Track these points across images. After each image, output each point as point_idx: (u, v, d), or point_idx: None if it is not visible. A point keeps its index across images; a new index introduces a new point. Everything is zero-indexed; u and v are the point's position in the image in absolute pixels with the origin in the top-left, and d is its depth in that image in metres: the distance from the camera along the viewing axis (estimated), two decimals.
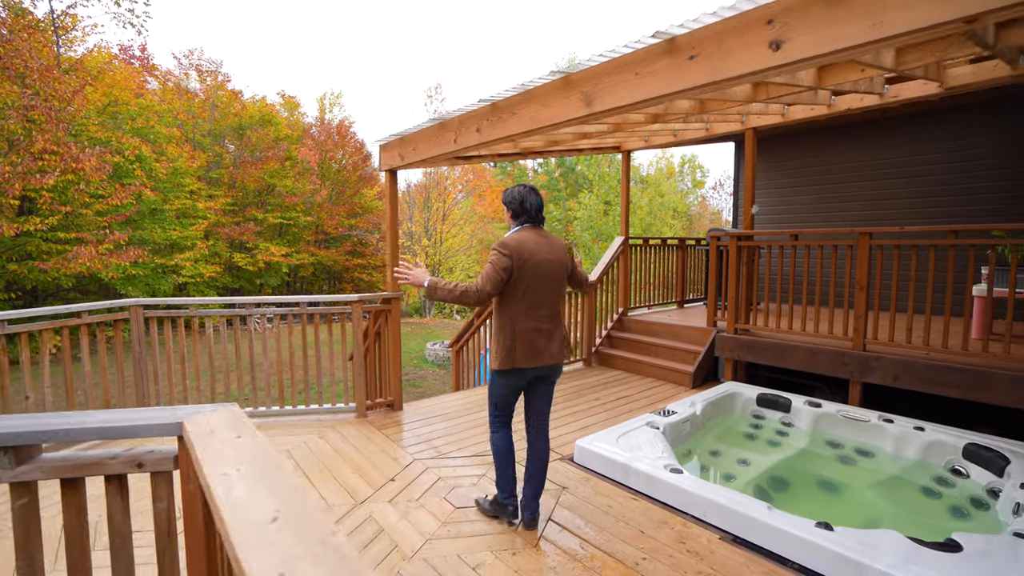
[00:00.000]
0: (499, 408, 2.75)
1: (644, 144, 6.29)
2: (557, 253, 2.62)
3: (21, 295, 12.01)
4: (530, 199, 2.61)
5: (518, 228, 2.63)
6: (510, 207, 2.64)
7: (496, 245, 2.51)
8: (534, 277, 2.52)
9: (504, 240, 2.53)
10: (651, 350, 5.88)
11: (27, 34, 11.46)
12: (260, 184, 18.78)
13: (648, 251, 6.92)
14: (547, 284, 2.57)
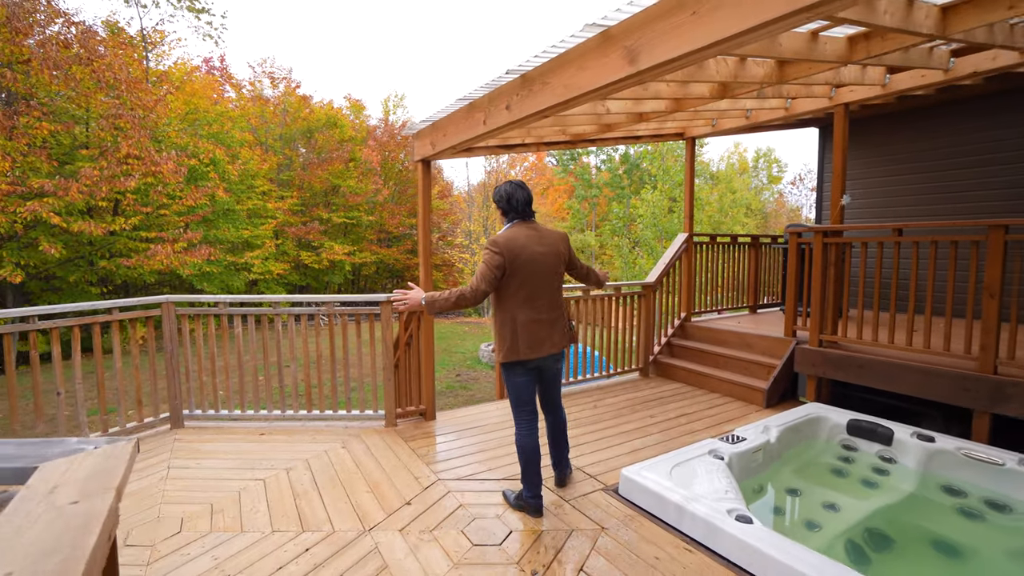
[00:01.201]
0: (520, 402, 2.77)
1: (711, 129, 5.59)
2: (549, 245, 2.69)
3: (113, 289, 13.02)
4: (516, 195, 2.67)
5: (509, 225, 2.70)
6: (499, 205, 2.71)
7: (487, 244, 2.58)
8: (528, 270, 2.59)
9: (494, 238, 2.59)
10: (717, 362, 5.19)
11: (120, 50, 12.37)
12: (326, 185, 19.41)
13: (716, 250, 6.19)
14: (542, 276, 2.64)
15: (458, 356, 13.55)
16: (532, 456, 2.75)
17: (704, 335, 5.62)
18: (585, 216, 24.03)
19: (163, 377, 4.06)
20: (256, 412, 4.14)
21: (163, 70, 14.62)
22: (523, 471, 2.78)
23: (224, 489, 3.09)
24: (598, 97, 2.33)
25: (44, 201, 9.45)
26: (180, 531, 2.66)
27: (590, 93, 2.28)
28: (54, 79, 10.30)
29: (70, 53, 10.72)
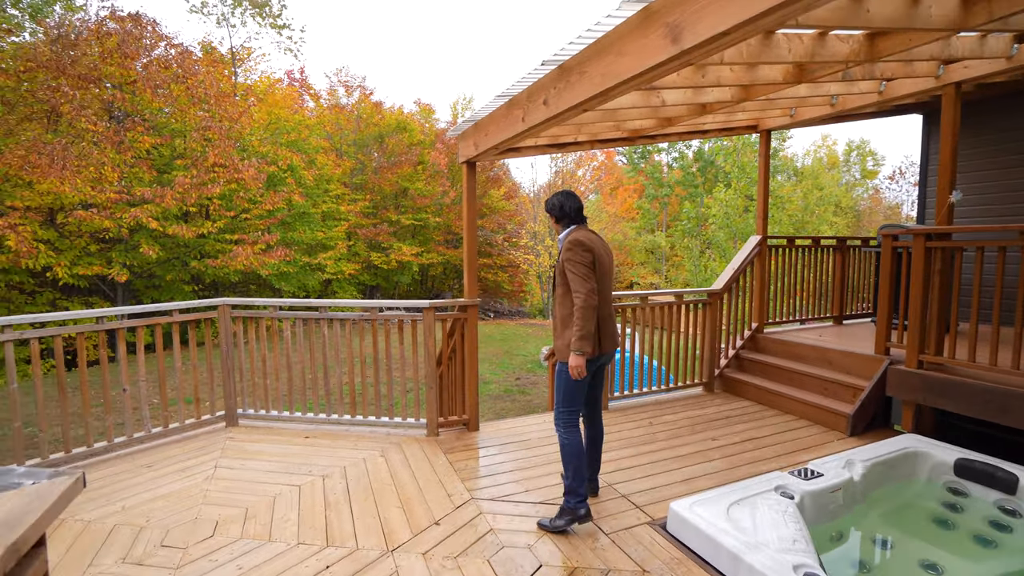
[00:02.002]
0: (575, 401, 2.77)
1: (789, 120, 5.01)
2: (608, 248, 2.85)
3: (203, 287, 14.17)
4: (568, 203, 2.81)
5: (572, 228, 2.78)
6: (553, 214, 2.84)
7: (573, 246, 2.64)
8: (602, 268, 2.72)
9: (578, 239, 2.67)
10: (793, 379, 4.63)
11: (212, 67, 13.43)
12: (395, 188, 20.04)
13: (794, 254, 5.57)
14: (608, 274, 2.79)
15: (519, 359, 13.42)
16: (583, 455, 2.76)
17: (778, 348, 5.05)
18: (655, 216, 23.11)
19: (220, 377, 4.21)
20: (303, 414, 4.19)
21: (248, 84, 15.72)
22: (573, 475, 2.69)
23: (261, 493, 3.10)
24: (641, 84, 2.05)
25: (144, 207, 10.41)
26: (213, 535, 2.68)
27: (631, 80, 2.00)
28: (156, 97, 11.34)
29: (169, 73, 11.76)
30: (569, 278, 2.63)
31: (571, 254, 2.62)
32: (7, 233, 9.10)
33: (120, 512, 2.90)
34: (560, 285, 2.75)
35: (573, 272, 2.60)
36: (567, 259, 2.63)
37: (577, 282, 2.58)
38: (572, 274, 2.60)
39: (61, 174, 9.43)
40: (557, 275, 2.78)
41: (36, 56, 10.50)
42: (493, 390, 10.01)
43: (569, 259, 2.62)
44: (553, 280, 2.86)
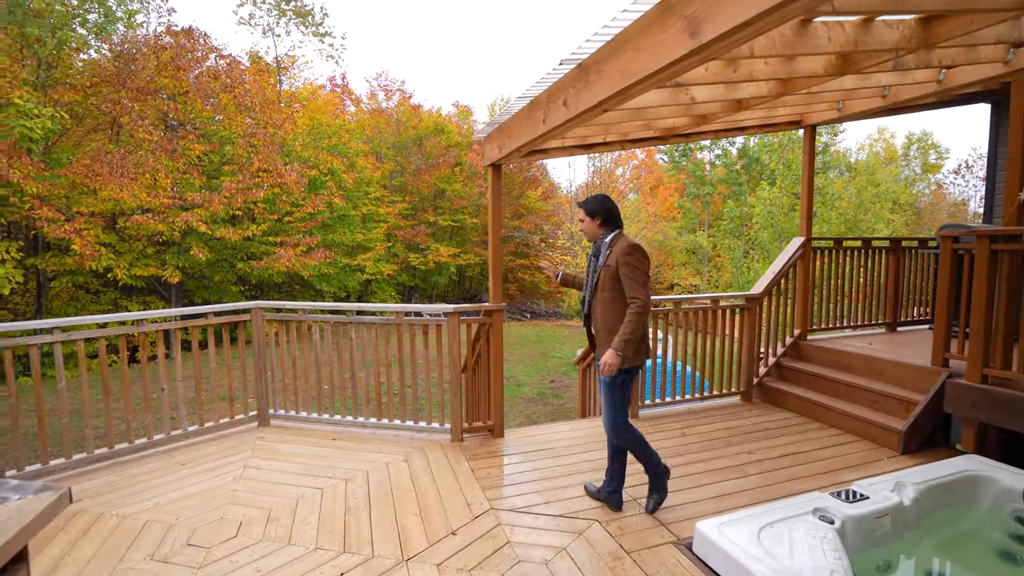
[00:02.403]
0: (627, 406, 2.81)
1: (836, 114, 4.70)
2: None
3: (249, 288, 14.76)
4: (614, 207, 2.80)
5: (615, 233, 2.76)
6: (599, 215, 2.77)
7: (634, 251, 2.63)
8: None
9: (638, 245, 2.66)
10: (839, 390, 4.34)
11: (259, 76, 13.96)
12: (433, 189, 20.29)
13: (842, 256, 5.23)
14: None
15: (554, 361, 13.29)
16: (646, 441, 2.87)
17: (822, 357, 4.75)
18: (697, 215, 22.43)
19: (252, 378, 4.32)
20: (331, 416, 4.25)
21: (292, 91, 16.27)
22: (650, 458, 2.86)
23: (285, 495, 3.15)
24: (661, 82, 1.93)
25: (195, 212, 10.92)
26: (236, 536, 2.73)
27: (650, 78, 1.89)
28: (205, 106, 11.89)
29: (218, 83, 12.31)
30: (627, 284, 2.60)
31: (632, 259, 2.60)
32: (73, 237, 9.74)
33: (153, 509, 3.00)
34: (609, 290, 2.68)
35: (633, 278, 2.59)
36: (627, 263, 2.59)
37: (637, 288, 2.58)
38: (631, 280, 2.58)
39: (120, 181, 10.01)
40: (605, 279, 2.70)
41: (100, 71, 11.21)
42: (527, 392, 9.95)
43: (630, 263, 2.59)
44: (594, 284, 2.77)
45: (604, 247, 2.76)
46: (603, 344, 2.74)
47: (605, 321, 2.72)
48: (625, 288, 2.62)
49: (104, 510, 2.99)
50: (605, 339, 2.72)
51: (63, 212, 10.16)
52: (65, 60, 10.94)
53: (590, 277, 2.83)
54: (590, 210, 2.78)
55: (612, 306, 2.69)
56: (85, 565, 2.49)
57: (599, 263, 2.77)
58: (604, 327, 2.72)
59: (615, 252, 2.67)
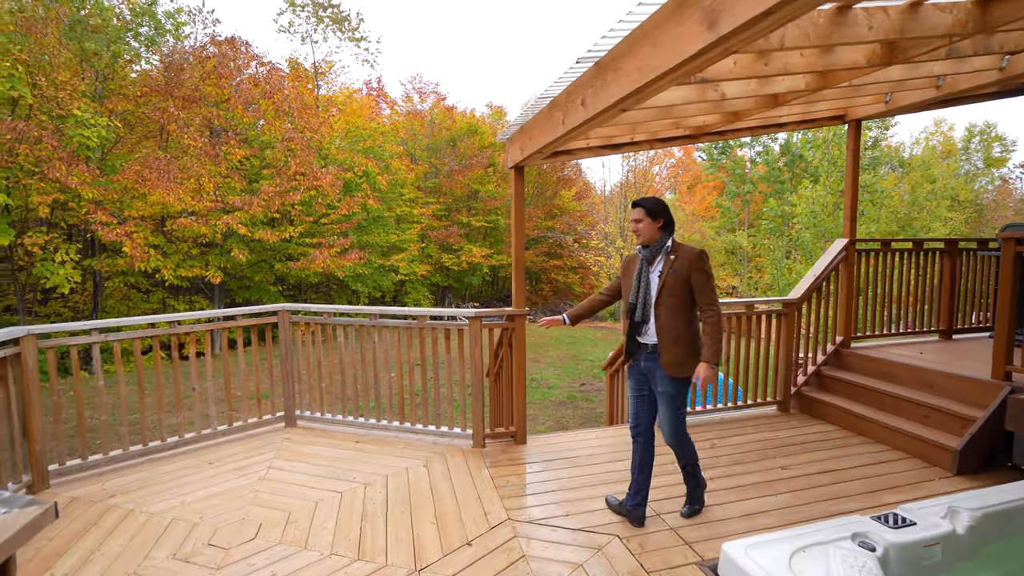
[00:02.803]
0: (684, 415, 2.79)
1: (884, 107, 4.40)
2: None
3: (288, 287, 15.21)
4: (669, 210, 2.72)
5: (671, 237, 2.70)
6: (660, 216, 2.67)
7: (705, 257, 2.63)
8: None
9: (704, 250, 2.65)
10: (885, 403, 4.05)
11: (297, 82, 14.36)
12: (466, 190, 20.41)
13: (889, 258, 4.90)
14: None
15: (585, 364, 13.12)
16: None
17: (867, 366, 4.46)
18: (736, 215, 21.72)
19: (280, 379, 4.40)
20: (355, 419, 4.28)
21: (329, 96, 16.67)
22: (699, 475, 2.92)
23: (305, 498, 3.18)
24: (680, 78, 1.81)
25: (235, 215, 11.33)
26: (255, 538, 2.76)
27: (668, 74, 1.77)
28: (246, 112, 12.31)
29: (259, 89, 12.73)
30: (701, 291, 2.59)
31: (705, 265, 2.60)
32: (124, 240, 10.27)
33: (179, 507, 3.08)
34: (676, 297, 2.61)
35: (708, 285, 2.59)
36: (701, 269, 2.58)
37: (712, 295, 2.59)
38: (706, 287, 2.59)
39: (167, 186, 10.48)
40: (674, 285, 2.61)
41: (150, 82, 11.77)
42: (556, 396, 9.84)
43: (703, 270, 2.59)
44: (658, 290, 2.63)
45: (664, 251, 2.67)
46: (667, 351, 2.63)
47: (671, 328, 2.62)
48: (700, 296, 2.60)
49: (135, 506, 3.09)
50: (670, 347, 2.62)
51: (116, 216, 10.72)
52: (119, 72, 11.54)
53: (642, 282, 2.70)
54: (651, 210, 2.65)
55: (678, 313, 2.62)
56: (113, 560, 2.57)
57: (659, 268, 2.66)
58: (669, 334, 2.62)
59: (683, 257, 2.61)
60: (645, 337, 2.72)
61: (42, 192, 9.93)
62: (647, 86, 1.89)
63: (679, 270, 2.60)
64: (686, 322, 2.63)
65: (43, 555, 2.61)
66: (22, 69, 9.85)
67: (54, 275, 10.32)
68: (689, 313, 2.65)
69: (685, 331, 2.62)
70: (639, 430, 2.84)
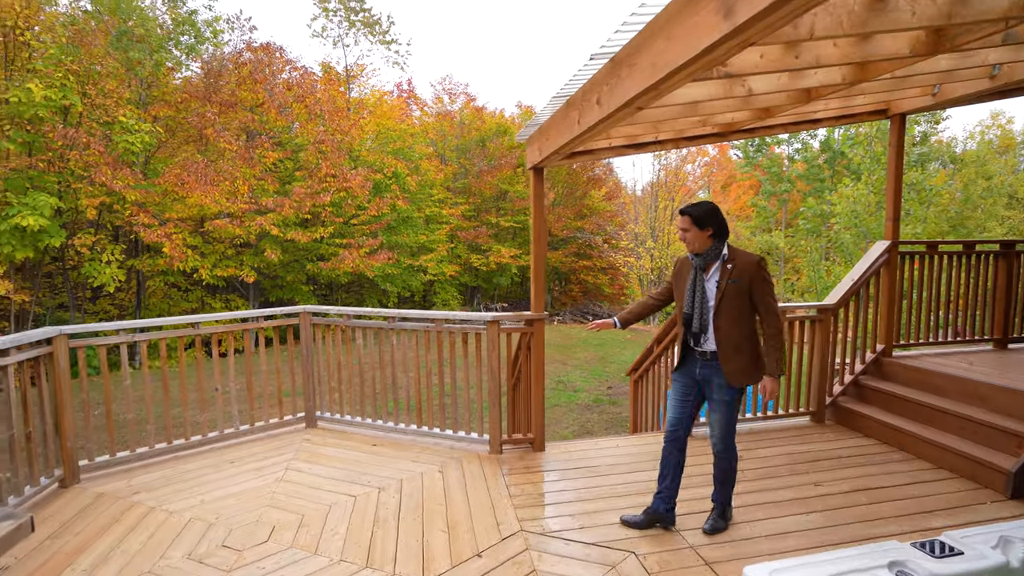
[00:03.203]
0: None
1: (932, 100, 4.11)
2: None
3: (319, 287, 15.53)
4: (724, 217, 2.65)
5: (726, 244, 2.61)
6: (710, 225, 2.58)
7: (765, 265, 2.58)
8: None
9: (763, 258, 2.60)
10: (930, 417, 3.78)
11: (330, 86, 14.64)
12: (495, 191, 20.41)
13: (937, 262, 4.59)
14: None
15: (613, 367, 12.90)
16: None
17: (910, 377, 4.17)
18: (773, 214, 20.99)
19: (301, 380, 4.44)
20: (373, 421, 4.28)
21: (360, 98, 16.94)
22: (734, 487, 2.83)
23: (319, 501, 3.18)
24: (697, 72, 1.70)
25: (268, 216, 11.62)
26: (267, 540, 2.77)
27: (683, 69, 1.66)
28: (279, 116, 12.62)
29: (292, 93, 13.03)
30: (764, 301, 2.55)
31: (767, 274, 2.57)
32: (164, 241, 10.67)
33: (198, 506, 3.13)
34: (736, 306, 2.56)
35: (770, 294, 2.55)
36: (763, 278, 2.54)
37: (773, 304, 2.55)
38: (769, 296, 2.55)
39: (204, 188, 10.84)
40: (734, 294, 2.55)
41: (190, 88, 12.21)
42: (582, 399, 9.70)
43: (765, 279, 2.55)
44: (718, 299, 2.57)
45: (720, 259, 2.59)
46: (728, 361, 2.59)
47: (732, 338, 2.58)
48: (762, 305, 2.56)
49: (156, 504, 3.15)
50: (732, 356, 2.58)
51: (157, 217, 11.17)
52: (161, 79, 12.02)
53: (697, 290, 2.64)
54: (698, 219, 2.55)
55: (739, 322, 2.57)
56: (131, 558, 2.62)
57: (716, 276, 2.60)
58: (731, 344, 2.58)
59: (742, 266, 2.55)
60: (703, 345, 2.66)
61: (90, 195, 10.43)
62: (662, 81, 1.77)
63: (739, 279, 2.54)
64: (747, 331, 2.60)
65: (66, 551, 2.69)
66: (73, 79, 10.36)
67: (100, 274, 10.83)
68: (750, 321, 2.61)
69: (746, 340, 2.59)
70: (678, 435, 2.81)
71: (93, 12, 11.41)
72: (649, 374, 5.01)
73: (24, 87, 9.65)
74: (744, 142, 25.15)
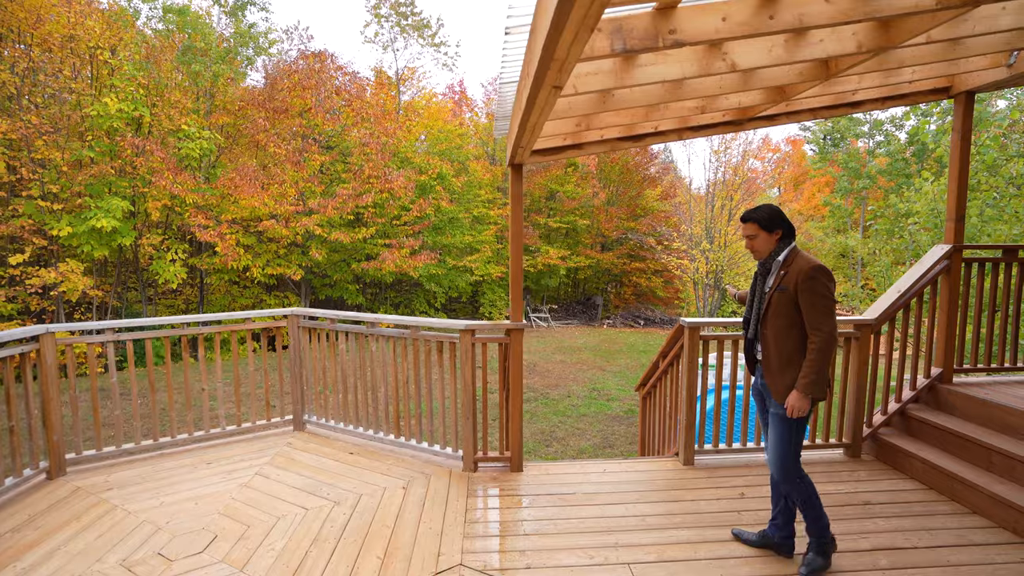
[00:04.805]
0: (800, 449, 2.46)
1: (1007, 73, 3.37)
2: None
3: (365, 286, 15.93)
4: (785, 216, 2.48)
5: (791, 248, 2.42)
6: (779, 226, 2.42)
7: (820, 274, 2.29)
8: None
9: (820, 265, 2.31)
10: (992, 461, 3.08)
11: (380, 89, 14.97)
12: (544, 191, 20.08)
13: (1015, 270, 3.79)
14: None
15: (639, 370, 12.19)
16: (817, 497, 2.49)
17: (973, 410, 3.45)
18: (848, 213, 19.11)
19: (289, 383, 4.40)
20: (355, 428, 4.15)
21: (411, 101, 17.23)
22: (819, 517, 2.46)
23: (271, 511, 3.06)
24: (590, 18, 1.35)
25: (313, 217, 12.02)
26: (202, 551, 2.67)
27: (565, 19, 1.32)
28: (327, 121, 13.04)
29: (340, 98, 13.43)
30: (809, 312, 2.29)
31: (816, 284, 2.27)
32: (216, 240, 11.31)
33: (156, 508, 3.11)
34: (785, 316, 2.36)
35: (815, 305, 2.28)
36: (810, 289, 2.28)
37: (820, 318, 2.27)
38: (814, 308, 2.28)
39: (254, 191, 11.38)
40: (779, 304, 2.37)
41: (248, 96, 12.89)
42: (614, 409, 9.18)
43: (813, 289, 2.28)
44: (764, 308, 2.43)
45: (777, 265, 2.41)
46: (776, 375, 2.40)
47: (779, 351, 2.40)
48: (807, 317, 2.31)
49: (120, 502, 3.17)
50: (779, 369, 2.39)
51: (213, 219, 11.87)
52: (221, 89, 12.78)
53: (756, 299, 2.52)
54: (766, 222, 2.39)
55: (789, 334, 2.37)
56: (70, 559, 2.60)
57: (769, 283, 2.44)
58: (778, 357, 2.40)
59: (793, 273, 2.34)
60: (760, 355, 2.54)
61: (154, 198, 11.25)
62: (552, 41, 1.43)
63: (788, 288, 2.34)
64: (798, 344, 2.36)
65: (20, 545, 2.73)
66: (143, 92, 11.23)
67: (165, 271, 11.66)
68: (802, 334, 2.36)
69: (797, 354, 2.36)
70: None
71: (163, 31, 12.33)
72: (656, 390, 4.53)
73: (102, 101, 10.56)
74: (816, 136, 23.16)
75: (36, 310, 11.51)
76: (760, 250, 2.44)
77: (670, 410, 4.13)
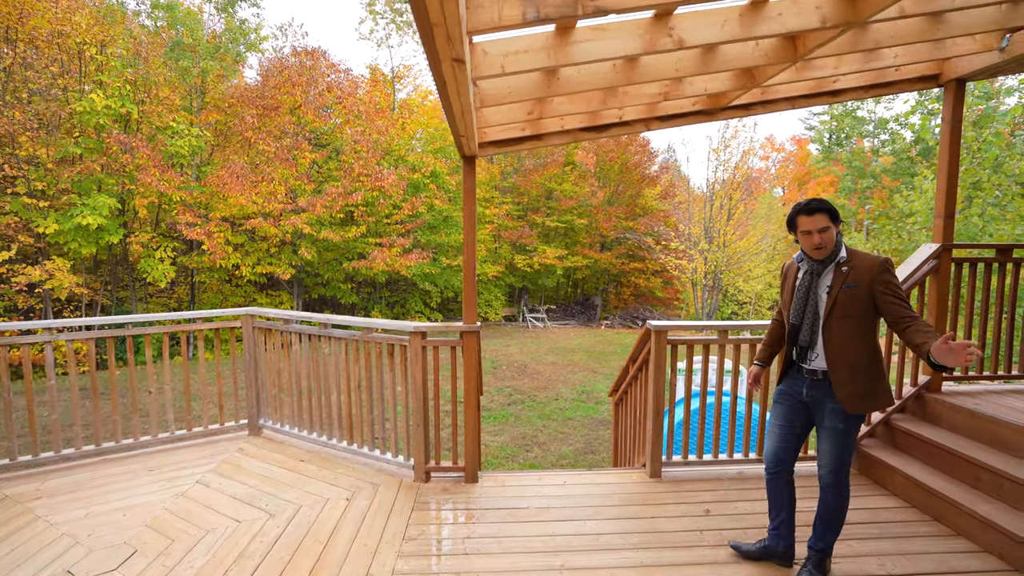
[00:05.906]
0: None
1: (999, 58, 3.13)
2: None
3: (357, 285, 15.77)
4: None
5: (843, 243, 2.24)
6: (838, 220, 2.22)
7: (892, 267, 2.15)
8: None
9: (889, 258, 2.16)
10: (979, 478, 2.83)
11: (373, 87, 14.81)
12: (541, 190, 19.85)
13: (1008, 271, 3.53)
14: None
15: None
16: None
17: (960, 421, 3.20)
18: (852, 214, 18.74)
19: (244, 386, 4.21)
20: (309, 434, 3.96)
21: (406, 98, 17.05)
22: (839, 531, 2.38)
23: (201, 524, 2.87)
24: None
25: (302, 215, 11.86)
26: (114, 570, 2.48)
27: None
28: (317, 119, 12.89)
29: (332, 95, 13.27)
30: (894, 304, 2.10)
31: (894, 277, 2.13)
32: (203, 238, 11.17)
33: (80, 519, 2.92)
34: (855, 317, 2.16)
35: (901, 296, 2.11)
36: (889, 282, 2.11)
37: (909, 308, 2.11)
38: (901, 299, 2.10)
39: (242, 189, 11.24)
40: (849, 303, 2.16)
41: (237, 93, 12.76)
42: (601, 413, 8.95)
43: (892, 283, 2.12)
44: (829, 308, 2.20)
45: (836, 262, 2.22)
46: (842, 385, 2.18)
47: (847, 355, 2.18)
48: (896, 311, 2.10)
49: (45, 513, 2.99)
50: (848, 377, 2.17)
51: (200, 216, 11.74)
52: (210, 86, 12.66)
53: (809, 302, 2.27)
54: (834, 212, 2.19)
55: (858, 337, 2.17)
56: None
57: (826, 283, 2.23)
58: (846, 362, 2.18)
59: (862, 268, 2.15)
60: (813, 363, 2.29)
61: (142, 195, 11.13)
62: None
63: (858, 283, 2.14)
64: (867, 347, 2.18)
65: None
66: (130, 88, 11.11)
67: (153, 270, 11.54)
68: (871, 336, 2.20)
69: (865, 358, 2.19)
70: (781, 468, 2.44)
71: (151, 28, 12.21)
72: (627, 397, 4.30)
73: (88, 98, 10.45)
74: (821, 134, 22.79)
75: (24, 308, 11.44)
76: (828, 245, 2.19)
77: (640, 418, 3.91)
